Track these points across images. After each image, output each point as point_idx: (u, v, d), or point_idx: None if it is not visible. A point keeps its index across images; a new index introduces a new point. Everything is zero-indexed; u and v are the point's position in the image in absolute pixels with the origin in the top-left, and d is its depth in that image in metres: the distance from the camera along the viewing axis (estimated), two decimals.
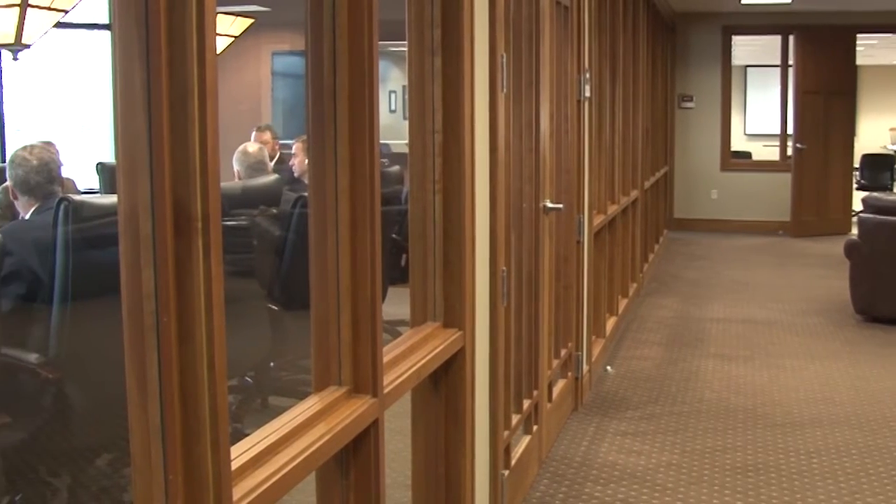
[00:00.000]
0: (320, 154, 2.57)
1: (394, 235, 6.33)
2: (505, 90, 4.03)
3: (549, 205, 5.08)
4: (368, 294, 2.61)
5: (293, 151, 7.42)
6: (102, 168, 8.47)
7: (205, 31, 1.73)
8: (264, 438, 2.23)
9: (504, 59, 3.98)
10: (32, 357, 3.86)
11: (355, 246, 2.60)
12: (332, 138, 2.56)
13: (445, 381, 3.48)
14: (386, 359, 2.82)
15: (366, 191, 2.58)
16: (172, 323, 1.73)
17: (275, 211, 5.71)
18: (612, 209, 7.61)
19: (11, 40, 6.85)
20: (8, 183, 4.52)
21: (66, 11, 7.11)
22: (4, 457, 3.59)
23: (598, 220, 6.90)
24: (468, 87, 3.45)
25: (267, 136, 8.93)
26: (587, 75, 6.10)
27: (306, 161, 6.94)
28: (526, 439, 4.81)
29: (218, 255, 1.76)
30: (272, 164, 7.22)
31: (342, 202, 2.57)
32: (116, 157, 1.75)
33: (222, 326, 1.79)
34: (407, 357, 3.09)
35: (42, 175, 4.28)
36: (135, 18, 1.70)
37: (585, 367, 6.20)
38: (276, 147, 8.91)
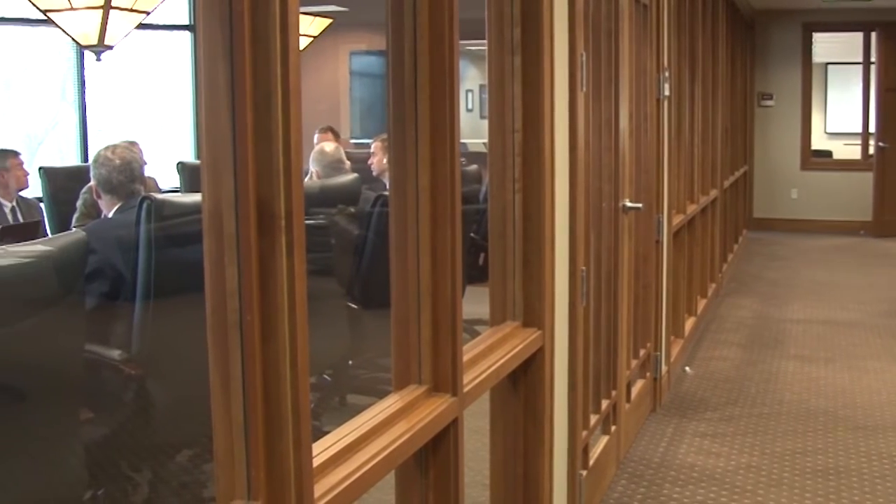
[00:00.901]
0: (401, 153, 2.58)
1: (472, 234, 6.33)
2: (584, 89, 4.02)
3: (629, 204, 5.06)
4: (449, 293, 2.61)
5: (371, 150, 7.44)
6: (183, 167, 8.57)
7: (288, 32, 1.74)
8: (345, 436, 2.24)
9: (583, 58, 3.96)
10: (115, 354, 3.91)
11: (436, 244, 2.60)
12: (412, 137, 2.57)
13: (524, 381, 3.47)
14: (465, 358, 2.81)
15: (446, 189, 2.58)
16: (256, 321, 1.74)
17: (353, 210, 5.73)
18: (692, 208, 7.55)
19: (95, 42, 6.94)
20: (92, 182, 4.59)
21: (148, 13, 7.19)
22: (88, 452, 3.63)
23: (678, 219, 6.85)
24: (548, 86, 3.44)
25: (329, 136, 8.98)
26: (666, 73, 6.05)
27: (385, 160, 7.01)
28: (604, 439, 4.79)
29: (301, 253, 1.77)
30: None
31: (423, 201, 2.58)
32: (201, 157, 1.76)
33: (305, 324, 1.80)
34: (486, 356, 3.09)
35: (125, 174, 4.33)
36: (219, 19, 1.71)
37: (664, 368, 6.15)
38: (345, 147, 8.96)
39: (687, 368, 6.91)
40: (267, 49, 1.72)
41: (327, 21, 10.34)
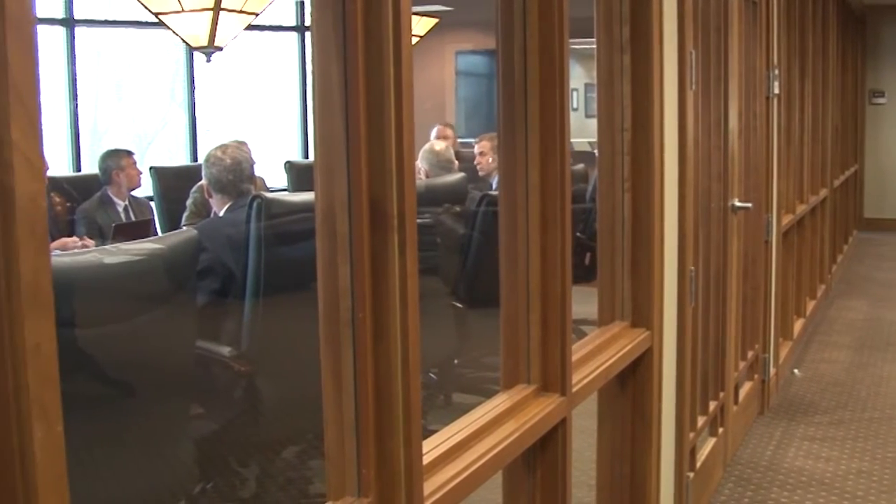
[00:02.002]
0: (511, 152, 2.58)
1: (577, 234, 6.30)
2: (694, 87, 3.98)
3: (738, 204, 5.00)
4: (558, 292, 2.60)
5: (477, 150, 7.44)
6: (290, 166, 8.66)
7: (401, 32, 1.75)
8: (454, 435, 2.24)
9: (693, 56, 3.93)
10: (225, 350, 3.96)
11: (545, 244, 2.59)
12: (522, 136, 2.56)
13: (633, 381, 3.45)
14: (574, 357, 2.80)
15: (556, 189, 2.57)
16: (368, 319, 1.75)
17: (458, 209, 5.74)
18: (801, 208, 7.44)
19: (205, 43, 7.03)
20: (203, 181, 4.66)
21: (257, 14, 7.27)
22: (197, 447, 3.69)
23: (787, 219, 6.75)
24: (657, 85, 3.41)
25: (448, 132, 8.98)
26: (776, 71, 5.97)
27: (491, 159, 7.01)
28: (711, 442, 4.74)
29: (413, 252, 1.78)
30: None
31: (532, 200, 2.57)
32: (314, 156, 1.78)
33: (416, 323, 1.81)
34: (595, 356, 3.07)
35: (235, 174, 4.39)
36: (332, 20, 1.73)
37: (772, 370, 6.07)
38: (456, 145, 8.95)
39: (795, 371, 6.81)
40: (380, 49, 1.73)
41: (433, 21, 10.36)
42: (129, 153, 7.23)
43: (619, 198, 3.40)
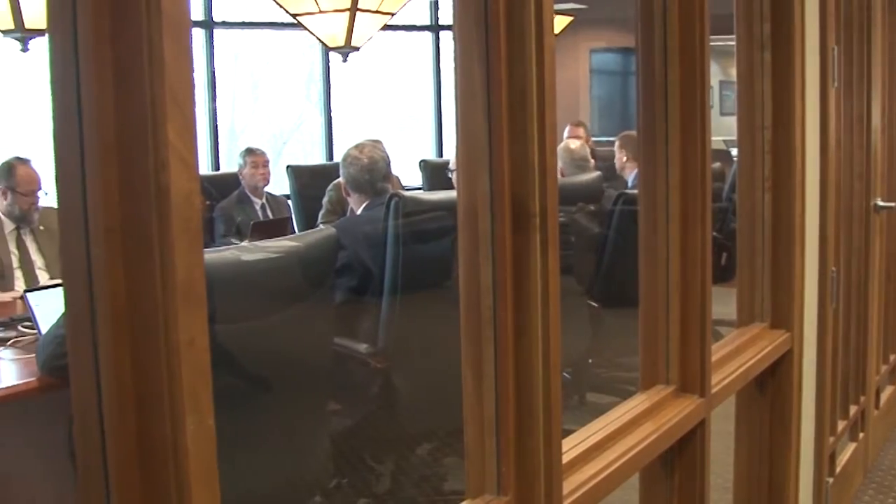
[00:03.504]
0: (651, 151, 2.56)
1: (714, 233, 6.20)
2: (835, 84, 3.90)
3: (881, 203, 4.89)
4: (698, 292, 2.57)
5: (615, 148, 7.39)
6: (426, 165, 8.71)
7: (543, 31, 1.75)
8: (593, 434, 2.23)
9: (835, 52, 3.85)
10: (362, 347, 4.00)
11: (685, 244, 2.57)
12: (663, 135, 2.54)
13: (772, 384, 3.39)
14: (713, 359, 2.77)
15: (697, 188, 2.55)
16: (509, 317, 1.76)
17: (592, 208, 5.72)
18: None
19: (342, 43, 7.10)
20: (340, 180, 4.71)
21: (393, 14, 7.32)
22: (333, 442, 3.73)
23: None
24: (798, 82, 3.35)
25: (580, 131, 8.94)
26: None
27: (625, 157, 6.95)
28: (851, 447, 4.64)
29: (555, 250, 1.78)
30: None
31: (673, 199, 2.55)
32: (456, 156, 1.79)
33: (557, 321, 1.80)
34: (734, 357, 3.03)
35: (372, 172, 4.43)
36: (475, 20, 1.73)
37: None
38: (591, 143, 8.90)
39: None
40: (522, 48, 1.73)
41: (568, 19, 10.33)
42: (251, 151, 7.34)
43: (760, 197, 3.35)
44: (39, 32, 5.75)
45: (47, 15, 1.11)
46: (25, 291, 4.26)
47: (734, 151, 3.91)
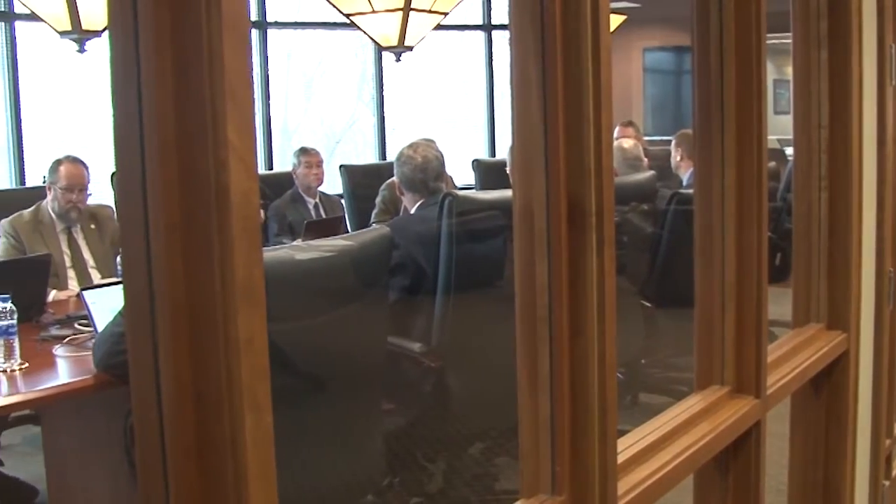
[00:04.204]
0: (706, 151, 2.54)
1: (768, 233, 6.15)
2: (894, 82, 3.86)
3: None
4: (754, 292, 2.56)
5: (671, 147, 7.36)
6: (478, 164, 8.71)
7: (599, 30, 1.75)
8: (647, 435, 2.22)
9: (893, 50, 3.81)
10: (416, 346, 4.01)
11: (741, 243, 2.55)
12: (718, 135, 2.53)
13: (828, 385, 3.36)
14: (768, 359, 2.75)
15: (753, 188, 2.53)
16: (565, 316, 1.75)
17: (646, 207, 5.70)
18: None
19: (395, 43, 7.14)
20: (393, 179, 4.72)
21: (446, 14, 7.33)
22: (386, 441, 3.75)
23: None
24: (856, 80, 3.32)
25: (630, 131, 8.91)
26: None
27: (679, 157, 6.91)
28: None
29: (611, 250, 1.77)
30: None
31: (728, 199, 2.53)
32: (512, 155, 1.79)
33: (613, 321, 1.80)
34: (789, 358, 3.01)
35: (426, 172, 4.44)
36: (530, 19, 1.73)
37: None
38: (643, 142, 8.87)
39: None
40: (578, 47, 1.73)
41: (621, 18, 10.30)
42: (306, 151, 7.38)
43: (816, 197, 3.32)
44: (96, 33, 5.81)
45: (108, 12, 1.12)
46: (82, 289, 4.31)
47: (788, 150, 3.88)
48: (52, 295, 5.03)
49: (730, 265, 2.56)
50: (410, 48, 7.32)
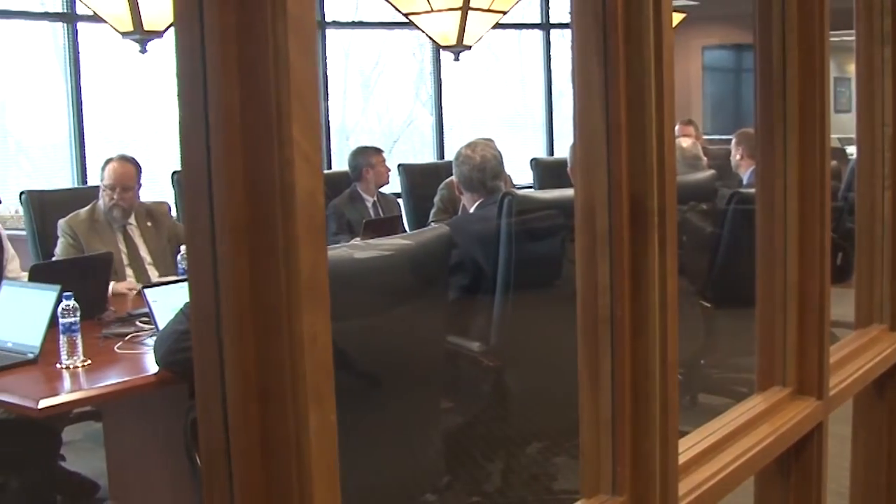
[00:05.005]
0: (768, 150, 2.52)
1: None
2: None
3: None
4: (817, 293, 2.53)
5: (731, 145, 7.32)
6: (536, 163, 8.70)
7: (662, 29, 1.74)
8: (708, 436, 2.21)
9: None
10: (475, 346, 4.01)
11: (804, 243, 2.53)
12: (781, 134, 2.51)
13: (891, 387, 3.32)
14: (830, 360, 2.72)
15: (816, 187, 2.51)
16: (626, 316, 1.75)
17: (704, 207, 5.66)
18: None
19: (453, 42, 7.15)
20: (452, 178, 4.73)
21: (505, 13, 7.34)
22: (445, 440, 3.75)
23: None
24: None
25: (690, 129, 8.86)
26: None
27: (739, 156, 6.86)
28: None
29: (673, 249, 1.76)
30: None
31: (791, 198, 2.51)
32: (573, 154, 1.78)
33: (675, 321, 1.79)
34: (852, 359, 2.97)
35: (484, 171, 4.44)
36: (592, 17, 1.73)
37: None
38: (702, 141, 8.82)
39: None
40: (640, 45, 1.73)
41: (681, 16, 10.25)
42: (378, 150, 7.40)
43: (880, 196, 3.28)
44: (157, 34, 5.86)
45: (174, 13, 1.13)
46: (143, 287, 4.35)
47: (849, 149, 3.84)
48: (112, 288, 5.07)
49: (792, 265, 2.54)
50: (469, 47, 7.33)
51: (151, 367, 3.67)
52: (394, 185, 8.04)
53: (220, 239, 1.11)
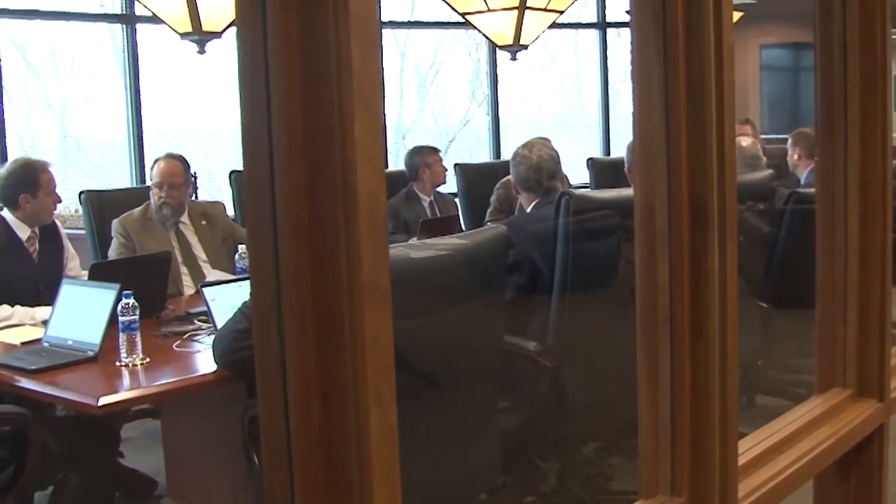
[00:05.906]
0: (829, 150, 2.50)
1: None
2: None
3: None
4: (877, 294, 2.51)
5: (788, 145, 7.25)
6: (593, 163, 8.67)
7: (722, 26, 1.73)
8: (768, 437, 2.20)
9: None
10: (531, 345, 4.00)
11: (865, 244, 2.50)
12: (841, 133, 2.48)
13: None
14: (892, 362, 2.70)
15: (876, 186, 2.48)
16: (686, 316, 1.74)
17: (762, 207, 5.61)
18: None
19: (510, 41, 7.14)
20: (510, 178, 4.72)
21: (561, 12, 7.32)
22: (501, 440, 3.74)
23: None
24: None
25: (748, 129, 8.79)
26: None
27: (797, 155, 6.80)
28: None
29: (733, 249, 1.75)
30: None
31: (851, 198, 2.49)
32: (632, 153, 1.78)
33: (735, 321, 1.78)
34: None
35: (541, 171, 4.43)
36: (652, 16, 1.72)
37: None
38: (761, 141, 8.75)
39: None
40: (700, 44, 1.72)
41: (738, 14, 10.17)
42: (435, 150, 7.40)
43: None
44: (216, 34, 5.90)
45: (236, 14, 1.13)
46: (201, 286, 4.37)
47: None
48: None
49: (852, 265, 2.51)
50: (525, 47, 7.31)
51: (209, 365, 3.69)
52: (450, 185, 8.04)
53: (283, 240, 1.12)
